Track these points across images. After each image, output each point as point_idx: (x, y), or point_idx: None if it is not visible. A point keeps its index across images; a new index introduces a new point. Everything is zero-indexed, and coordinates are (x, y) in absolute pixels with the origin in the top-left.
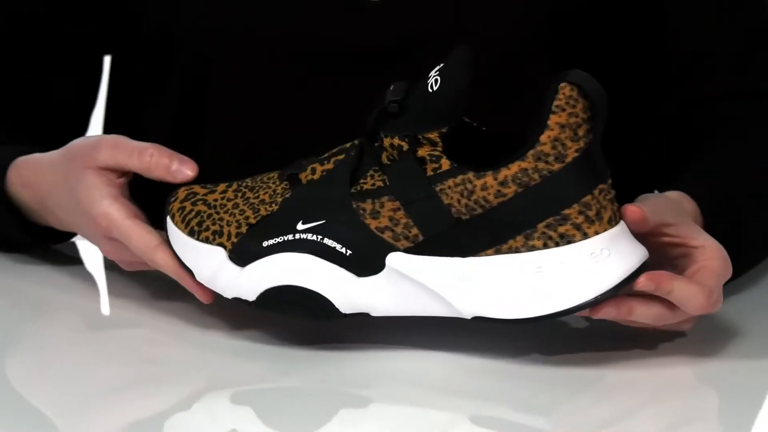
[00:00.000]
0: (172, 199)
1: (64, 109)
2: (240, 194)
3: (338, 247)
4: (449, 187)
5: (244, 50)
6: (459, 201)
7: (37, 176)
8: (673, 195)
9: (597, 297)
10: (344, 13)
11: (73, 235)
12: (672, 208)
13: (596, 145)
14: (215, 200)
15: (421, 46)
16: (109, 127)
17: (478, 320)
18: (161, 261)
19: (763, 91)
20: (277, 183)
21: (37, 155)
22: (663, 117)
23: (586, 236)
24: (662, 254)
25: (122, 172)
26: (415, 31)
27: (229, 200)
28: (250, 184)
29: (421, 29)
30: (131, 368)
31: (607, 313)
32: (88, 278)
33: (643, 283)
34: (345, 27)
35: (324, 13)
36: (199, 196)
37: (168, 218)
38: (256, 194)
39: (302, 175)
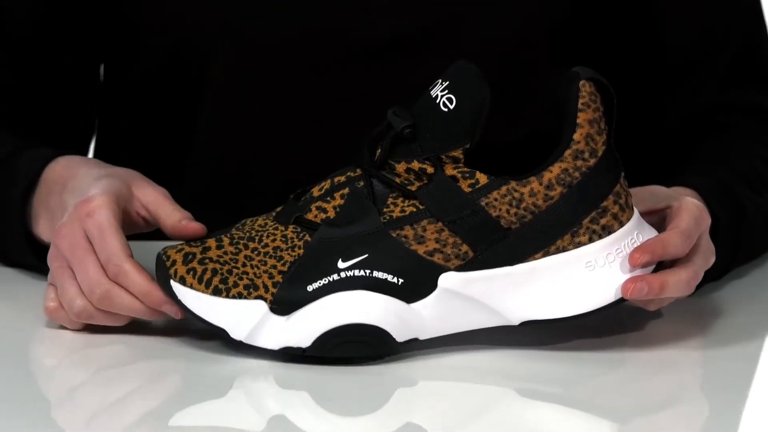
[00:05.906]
0: (168, 263)
1: (67, 124)
2: (242, 245)
3: (390, 277)
4: (495, 200)
5: (249, 50)
6: (508, 211)
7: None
8: (670, 190)
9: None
10: (352, 8)
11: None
12: (653, 193)
13: (612, 134)
14: (219, 256)
15: (426, 41)
16: (102, 137)
17: (526, 324)
18: (129, 268)
19: (752, 105)
20: (281, 227)
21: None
22: (657, 126)
23: (621, 224)
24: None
25: (134, 211)
26: (421, 24)
27: (234, 253)
28: (242, 234)
29: (427, 22)
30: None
31: (639, 290)
32: None
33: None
34: (353, 22)
35: (332, 8)
36: (199, 255)
37: (176, 283)
38: (262, 242)
39: (309, 216)
